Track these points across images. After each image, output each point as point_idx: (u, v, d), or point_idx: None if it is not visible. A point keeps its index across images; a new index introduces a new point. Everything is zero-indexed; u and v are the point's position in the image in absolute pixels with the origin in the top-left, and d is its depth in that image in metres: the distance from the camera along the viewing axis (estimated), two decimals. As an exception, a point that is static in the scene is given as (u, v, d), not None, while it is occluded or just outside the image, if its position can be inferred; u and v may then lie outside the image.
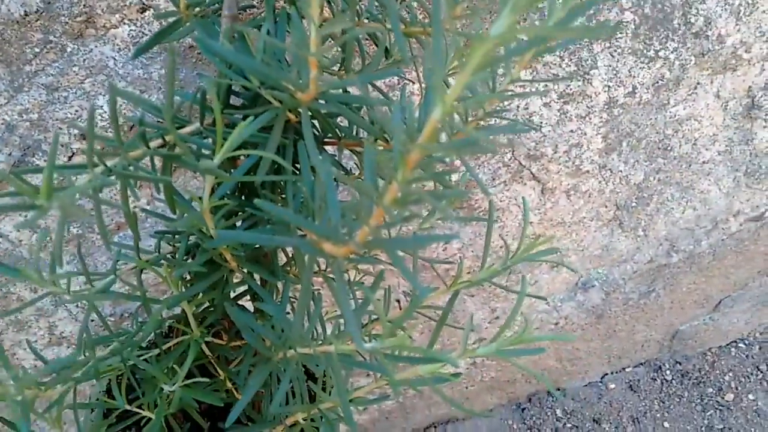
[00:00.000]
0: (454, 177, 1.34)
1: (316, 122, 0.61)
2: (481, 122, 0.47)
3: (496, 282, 0.63)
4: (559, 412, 1.98)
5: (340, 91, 0.64)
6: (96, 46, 0.94)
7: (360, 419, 1.77)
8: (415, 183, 0.39)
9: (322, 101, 0.49)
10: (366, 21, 0.60)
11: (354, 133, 0.65)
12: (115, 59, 0.96)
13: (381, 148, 0.61)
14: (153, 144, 0.48)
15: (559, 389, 2.05)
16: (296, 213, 0.52)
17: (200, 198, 0.49)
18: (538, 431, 1.93)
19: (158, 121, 0.50)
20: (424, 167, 0.41)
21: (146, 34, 0.96)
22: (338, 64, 0.60)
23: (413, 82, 1.05)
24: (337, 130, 0.62)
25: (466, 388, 1.87)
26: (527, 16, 1.11)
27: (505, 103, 1.18)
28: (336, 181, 0.52)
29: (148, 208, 1.08)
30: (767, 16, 1.37)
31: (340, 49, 0.57)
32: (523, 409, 1.99)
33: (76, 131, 0.99)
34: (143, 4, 0.94)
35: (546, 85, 1.14)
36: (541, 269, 1.64)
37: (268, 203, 0.37)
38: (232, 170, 0.55)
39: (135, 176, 0.43)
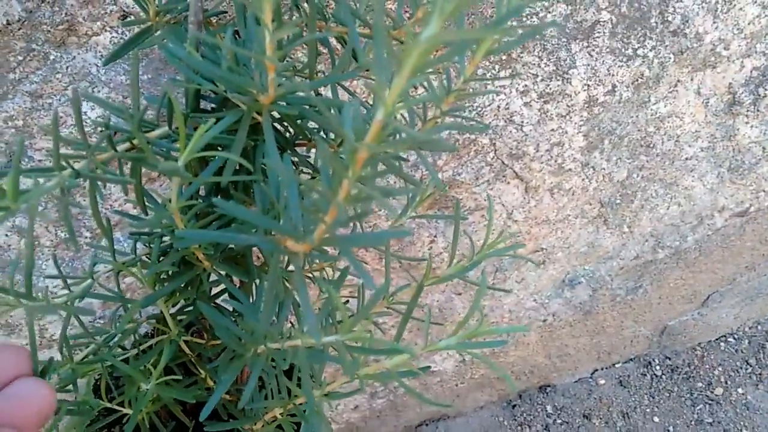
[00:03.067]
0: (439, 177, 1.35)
1: (286, 124, 0.63)
2: (439, 121, 0.49)
3: (466, 277, 0.64)
4: (549, 408, 2.00)
5: (312, 93, 0.66)
6: (78, 54, 0.96)
7: (351, 417, 1.79)
8: (370, 180, 0.41)
9: (285, 104, 0.51)
10: (333, 25, 0.62)
11: (326, 134, 0.67)
12: (97, 66, 0.97)
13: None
14: (122, 147, 0.50)
15: (548, 386, 2.07)
16: (264, 213, 0.54)
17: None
18: (528, 428, 1.94)
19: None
20: (386, 163, 0.43)
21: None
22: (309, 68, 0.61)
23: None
24: (307, 132, 0.63)
25: (456, 385, 1.88)
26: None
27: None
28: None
29: (121, 210, 1.10)
30: (744, 14, 1.39)
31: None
32: (514, 406, 2.00)
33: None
34: (123, 11, 0.95)
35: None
36: (527, 266, 1.65)
37: (224, 201, 0.39)
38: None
39: (102, 178, 0.45)
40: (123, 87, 1.00)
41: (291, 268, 0.80)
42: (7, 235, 1.08)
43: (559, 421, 1.98)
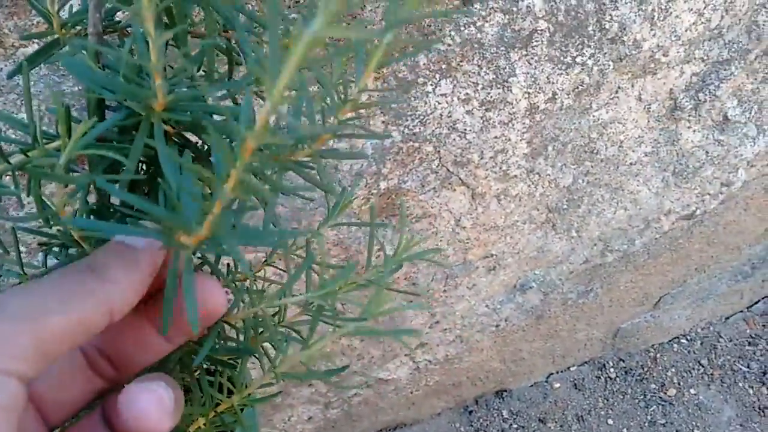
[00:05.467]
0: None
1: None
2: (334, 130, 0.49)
3: (388, 284, 0.65)
4: (505, 413, 2.01)
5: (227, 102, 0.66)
6: (5, 66, 0.95)
7: (305, 429, 1.78)
8: (258, 172, 0.41)
9: (183, 111, 0.51)
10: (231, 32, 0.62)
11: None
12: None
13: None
14: (16, 159, 0.49)
15: (504, 390, 2.08)
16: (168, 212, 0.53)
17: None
18: (485, 433, 1.96)
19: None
20: (294, 170, 0.44)
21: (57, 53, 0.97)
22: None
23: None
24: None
25: (412, 393, 1.89)
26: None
27: (411, 110, 1.21)
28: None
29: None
30: (681, 21, 1.42)
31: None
32: (470, 412, 2.01)
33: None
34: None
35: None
36: (478, 273, 1.67)
37: (108, 183, 0.39)
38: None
39: (-9, 190, 0.45)
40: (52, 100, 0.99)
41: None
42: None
43: (515, 425, 1.99)
